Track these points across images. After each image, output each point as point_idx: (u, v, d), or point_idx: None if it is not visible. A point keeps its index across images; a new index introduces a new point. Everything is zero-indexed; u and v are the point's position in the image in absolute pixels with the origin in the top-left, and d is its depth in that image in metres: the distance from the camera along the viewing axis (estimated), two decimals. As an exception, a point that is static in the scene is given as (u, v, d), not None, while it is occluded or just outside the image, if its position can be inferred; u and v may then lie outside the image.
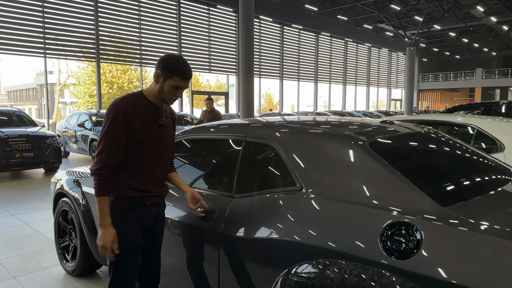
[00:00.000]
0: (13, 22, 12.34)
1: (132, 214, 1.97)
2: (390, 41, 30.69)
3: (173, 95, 1.96)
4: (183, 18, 16.86)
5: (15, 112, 9.52)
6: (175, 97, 1.98)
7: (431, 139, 2.32)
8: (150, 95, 2.00)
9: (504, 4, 22.80)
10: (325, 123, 2.30)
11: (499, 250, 1.32)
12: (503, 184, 1.97)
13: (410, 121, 4.75)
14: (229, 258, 1.97)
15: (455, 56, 40.15)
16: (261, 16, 19.90)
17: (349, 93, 27.90)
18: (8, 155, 7.74)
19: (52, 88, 24.93)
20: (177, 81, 1.93)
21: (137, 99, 1.96)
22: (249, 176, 2.16)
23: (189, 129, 2.63)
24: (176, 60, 1.93)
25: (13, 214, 5.29)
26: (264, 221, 1.86)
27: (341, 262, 1.55)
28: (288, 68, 22.40)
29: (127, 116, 1.89)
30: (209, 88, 23.16)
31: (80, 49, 14.08)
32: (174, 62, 1.92)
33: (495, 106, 7.69)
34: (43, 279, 3.31)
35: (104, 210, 1.88)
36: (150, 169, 2.01)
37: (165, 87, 1.94)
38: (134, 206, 1.98)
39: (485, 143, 4.21)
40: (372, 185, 1.70)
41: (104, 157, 1.87)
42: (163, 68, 1.92)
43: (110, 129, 1.88)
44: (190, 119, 12.07)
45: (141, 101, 1.97)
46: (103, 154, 1.87)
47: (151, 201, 2.03)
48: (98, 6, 14.24)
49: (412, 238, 1.45)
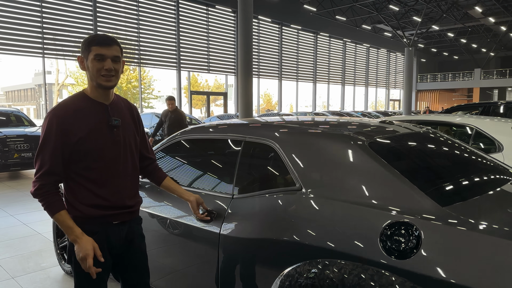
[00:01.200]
0: (11, 22, 12.31)
1: (96, 236, 1.67)
2: (389, 41, 30.73)
3: (100, 69, 1.65)
4: (181, 18, 16.85)
5: (13, 112, 9.50)
6: (105, 71, 1.66)
7: (430, 139, 2.32)
8: (92, 92, 1.72)
9: (502, 5, 22.86)
10: (324, 123, 2.31)
11: (498, 250, 1.32)
12: (501, 184, 1.97)
13: (409, 121, 4.76)
14: (229, 258, 1.97)
15: (454, 56, 40.24)
16: (259, 16, 19.90)
17: (347, 94, 27.93)
18: (6, 155, 7.72)
19: (51, 88, 24.88)
20: (97, 50, 1.64)
21: (77, 102, 1.70)
22: (249, 176, 2.16)
23: (188, 130, 2.63)
24: (91, 35, 1.72)
25: (11, 215, 5.28)
26: (264, 221, 1.86)
27: (341, 262, 1.55)
28: (287, 69, 22.41)
29: (64, 126, 1.63)
30: (207, 88, 23.16)
31: (78, 49, 14.04)
32: (89, 37, 1.70)
33: (494, 107, 7.71)
34: (41, 279, 3.30)
35: (68, 223, 1.61)
36: (110, 181, 1.71)
37: (89, 66, 1.66)
38: (98, 227, 1.69)
39: (484, 143, 4.22)
40: (371, 185, 1.70)
41: (41, 176, 1.61)
42: (81, 48, 1.70)
43: (45, 143, 1.63)
44: (189, 119, 12.06)
45: (82, 104, 1.69)
46: (40, 172, 1.62)
47: (118, 219, 1.74)
48: (96, 6, 14.22)
49: (411, 238, 1.46)
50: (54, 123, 1.63)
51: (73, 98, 1.72)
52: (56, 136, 1.63)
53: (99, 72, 1.66)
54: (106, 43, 1.66)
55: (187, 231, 2.20)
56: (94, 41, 1.66)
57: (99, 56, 1.65)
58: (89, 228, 1.67)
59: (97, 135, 1.69)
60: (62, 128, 1.63)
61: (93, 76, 1.67)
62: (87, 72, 1.70)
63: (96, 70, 1.66)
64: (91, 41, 1.67)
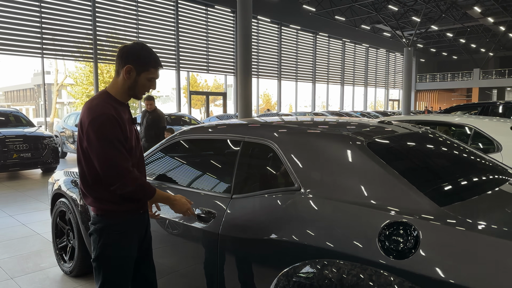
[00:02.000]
0: (10, 22, 12.30)
1: (132, 228, 1.83)
2: (388, 41, 30.75)
3: (148, 88, 1.82)
4: (181, 18, 16.84)
5: (13, 112, 9.49)
6: (149, 90, 1.84)
7: (428, 139, 2.33)
8: (118, 93, 1.79)
9: (501, 5, 22.88)
10: (323, 123, 2.31)
11: (496, 250, 1.33)
12: (500, 184, 1.98)
13: (408, 121, 4.76)
14: (228, 259, 1.97)
15: (453, 56, 40.27)
16: (259, 16, 19.90)
17: (347, 94, 27.95)
18: (6, 155, 7.71)
19: (50, 89, 24.87)
20: (153, 73, 1.79)
21: (111, 101, 1.76)
22: (247, 176, 2.16)
23: (187, 130, 2.63)
24: (147, 50, 1.77)
25: (10, 215, 5.27)
26: (262, 222, 1.86)
27: (339, 262, 1.55)
28: (286, 69, 22.41)
29: (117, 123, 1.69)
30: (207, 89, 23.15)
31: (77, 49, 14.05)
32: (146, 53, 1.76)
33: (492, 107, 7.72)
34: (40, 279, 3.30)
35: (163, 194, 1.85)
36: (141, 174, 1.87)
37: (139, 82, 1.77)
38: (130, 217, 1.83)
39: (483, 143, 4.22)
40: (370, 185, 1.70)
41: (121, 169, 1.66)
42: (135, 61, 1.74)
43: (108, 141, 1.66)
44: (188, 119, 12.07)
45: (115, 102, 1.78)
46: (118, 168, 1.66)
47: (144, 208, 1.91)
48: (95, 6, 14.21)
49: (410, 238, 1.46)
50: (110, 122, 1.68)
51: (105, 98, 1.76)
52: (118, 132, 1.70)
53: (145, 91, 1.82)
54: (160, 66, 1.82)
55: (186, 231, 2.20)
56: (152, 62, 1.77)
57: (153, 79, 1.80)
58: (123, 219, 1.79)
59: (130, 133, 1.80)
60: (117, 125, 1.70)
61: (137, 91, 1.80)
62: (126, 81, 1.77)
63: (145, 88, 1.81)
64: (150, 61, 1.76)
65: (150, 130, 6.66)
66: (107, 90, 1.79)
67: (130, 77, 1.76)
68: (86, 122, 1.68)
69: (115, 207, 1.76)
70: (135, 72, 1.75)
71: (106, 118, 1.66)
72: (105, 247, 1.76)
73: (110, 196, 1.75)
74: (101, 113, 1.67)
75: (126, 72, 1.75)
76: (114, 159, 1.66)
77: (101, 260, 1.78)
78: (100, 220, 1.78)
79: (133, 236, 1.83)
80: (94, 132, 1.65)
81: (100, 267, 1.78)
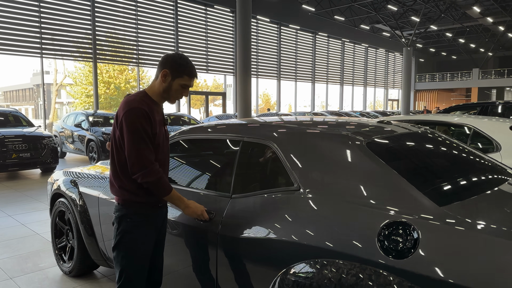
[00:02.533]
0: (10, 22, 12.29)
1: (149, 219, 1.96)
2: (387, 41, 30.77)
3: (180, 94, 1.98)
4: (180, 18, 16.84)
5: (12, 112, 9.48)
6: (181, 96, 1.99)
7: (428, 139, 2.33)
8: (154, 94, 1.97)
9: (500, 5, 22.91)
10: (323, 123, 2.31)
11: (495, 249, 1.33)
12: (499, 184, 1.98)
13: (407, 121, 4.76)
14: (227, 258, 1.97)
15: (452, 56, 40.30)
16: (258, 16, 19.90)
17: (346, 93, 27.96)
18: (5, 155, 7.71)
19: (49, 88, 24.86)
20: (186, 80, 1.95)
21: (147, 100, 1.93)
22: (247, 176, 2.16)
23: (187, 129, 2.62)
24: (184, 59, 1.95)
25: (9, 215, 5.27)
26: (262, 221, 1.86)
27: (339, 261, 1.55)
28: (285, 68, 22.42)
29: (148, 118, 1.86)
30: (206, 88, 23.15)
31: (77, 49, 14.04)
32: (183, 61, 1.94)
33: (492, 106, 7.73)
34: (40, 279, 3.30)
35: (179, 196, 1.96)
36: (164, 172, 2.01)
37: (173, 86, 1.94)
38: (151, 211, 1.97)
39: (482, 143, 4.23)
40: (369, 185, 1.71)
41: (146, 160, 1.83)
42: (172, 67, 1.92)
43: (138, 133, 1.83)
44: (188, 119, 12.07)
45: (150, 101, 1.94)
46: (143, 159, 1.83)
47: (163, 202, 2.03)
48: (95, 6, 14.20)
49: (409, 237, 1.46)
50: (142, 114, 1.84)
51: (142, 96, 1.92)
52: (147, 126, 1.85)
53: (178, 96, 1.98)
54: (196, 76, 1.99)
55: (186, 231, 2.20)
56: (188, 70, 1.94)
57: (186, 86, 1.96)
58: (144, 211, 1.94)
59: (160, 131, 1.96)
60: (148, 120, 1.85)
61: (171, 96, 1.97)
62: (163, 84, 1.94)
63: (177, 94, 1.97)
64: (186, 68, 1.94)
65: None
66: (145, 90, 1.98)
67: (166, 80, 1.93)
68: (121, 114, 1.85)
69: (135, 197, 1.91)
70: (171, 77, 1.92)
71: (139, 111, 1.83)
72: (123, 235, 1.90)
73: (132, 186, 1.89)
74: (135, 107, 1.84)
75: (163, 76, 1.92)
76: (140, 149, 1.82)
77: (119, 248, 1.91)
78: (120, 209, 1.93)
79: (150, 227, 1.95)
80: (126, 123, 1.83)
81: (119, 255, 1.91)
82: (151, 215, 1.97)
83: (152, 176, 1.84)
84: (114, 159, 1.93)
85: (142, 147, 1.83)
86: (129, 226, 1.91)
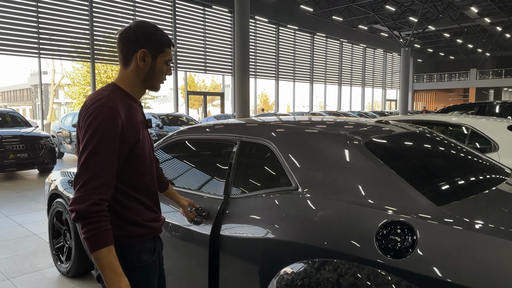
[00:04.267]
0: (7, 22, 12.25)
1: (152, 255, 1.49)
2: (385, 41, 30.82)
3: (165, 74, 1.50)
4: (178, 18, 16.82)
5: (9, 112, 9.45)
6: (165, 77, 1.51)
7: (426, 139, 2.33)
8: (130, 86, 1.45)
9: (497, 5, 22.98)
10: (321, 123, 2.31)
11: (493, 249, 1.33)
12: (497, 183, 1.98)
13: (405, 121, 4.77)
14: (224, 259, 1.97)
15: (450, 56, 40.40)
16: (256, 16, 19.90)
17: (344, 94, 27.98)
18: (2, 156, 7.68)
19: (47, 89, 24.79)
20: (169, 53, 1.48)
21: (121, 95, 1.41)
22: (245, 176, 2.15)
23: (184, 129, 2.62)
24: (155, 27, 1.45)
25: (7, 215, 5.25)
26: (260, 221, 1.86)
27: (337, 261, 1.55)
28: (284, 69, 22.42)
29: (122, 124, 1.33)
30: (204, 89, 23.13)
31: (74, 49, 14.01)
32: (158, 31, 1.44)
33: (489, 106, 7.75)
34: (37, 280, 3.29)
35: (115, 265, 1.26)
36: (155, 187, 1.53)
37: (157, 67, 1.45)
38: (152, 244, 1.50)
39: (479, 142, 4.24)
40: (367, 185, 1.70)
41: (100, 187, 1.26)
42: (149, 42, 1.42)
43: (103, 142, 1.28)
44: (186, 120, 12.05)
45: (125, 97, 1.43)
46: (94, 181, 1.25)
47: (160, 230, 1.57)
48: (92, 6, 14.17)
49: (407, 237, 1.46)
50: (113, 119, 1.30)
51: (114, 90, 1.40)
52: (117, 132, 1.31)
53: (162, 75, 1.48)
54: (173, 45, 1.51)
55: (182, 232, 2.19)
56: (166, 39, 1.46)
57: (169, 61, 1.49)
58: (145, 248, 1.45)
59: (143, 137, 1.45)
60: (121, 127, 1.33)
61: (154, 78, 1.46)
62: (141, 69, 1.44)
63: (163, 74, 1.48)
64: (163, 40, 1.45)
65: None
66: (114, 83, 1.45)
67: (146, 63, 1.43)
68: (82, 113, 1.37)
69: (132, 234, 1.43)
70: (150, 57, 1.43)
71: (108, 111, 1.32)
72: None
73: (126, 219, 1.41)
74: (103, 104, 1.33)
75: (140, 59, 1.42)
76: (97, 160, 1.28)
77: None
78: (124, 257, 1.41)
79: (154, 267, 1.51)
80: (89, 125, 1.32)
81: None
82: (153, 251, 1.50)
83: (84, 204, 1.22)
84: None
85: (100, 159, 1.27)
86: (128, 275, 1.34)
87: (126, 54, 1.44)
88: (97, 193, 1.25)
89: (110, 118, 1.30)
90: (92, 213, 1.23)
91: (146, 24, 1.45)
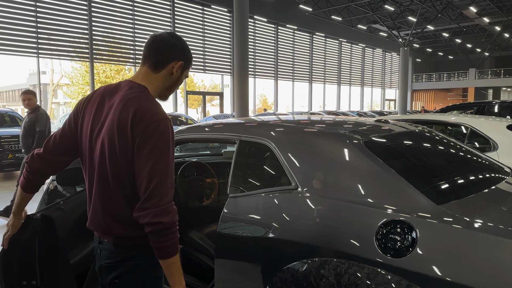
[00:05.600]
0: (6, 22, 12.22)
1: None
2: (384, 41, 30.83)
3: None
4: (177, 18, 16.81)
5: (8, 112, 9.43)
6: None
7: (425, 138, 2.33)
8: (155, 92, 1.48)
9: (496, 5, 23.01)
10: (320, 122, 2.31)
11: (493, 248, 1.33)
12: (496, 182, 1.98)
13: (405, 120, 4.77)
14: (224, 258, 1.96)
15: (449, 56, 40.43)
16: (255, 16, 19.89)
17: (343, 94, 27.99)
18: (1, 155, 7.67)
19: (45, 89, 24.76)
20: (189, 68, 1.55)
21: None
22: (244, 175, 2.15)
23: (184, 129, 2.62)
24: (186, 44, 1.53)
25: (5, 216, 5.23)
26: (259, 221, 1.86)
27: (337, 260, 1.55)
28: (283, 68, 22.42)
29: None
30: (203, 89, 23.13)
31: (73, 49, 13.99)
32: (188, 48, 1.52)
33: (488, 106, 7.76)
34: (36, 280, 3.27)
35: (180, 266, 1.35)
36: None
37: (180, 80, 1.52)
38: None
39: (479, 142, 4.24)
40: (367, 184, 1.70)
41: (172, 196, 1.31)
42: (186, 56, 1.49)
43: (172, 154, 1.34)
44: (185, 119, 12.06)
45: None
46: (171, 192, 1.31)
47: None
48: (91, 6, 14.15)
49: (407, 236, 1.46)
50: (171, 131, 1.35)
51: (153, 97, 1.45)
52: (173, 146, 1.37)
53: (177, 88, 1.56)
54: None
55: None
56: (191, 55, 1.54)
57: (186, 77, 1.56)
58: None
59: None
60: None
61: (174, 88, 1.53)
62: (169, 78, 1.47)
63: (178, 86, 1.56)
64: (192, 58, 1.54)
65: (26, 138, 4.88)
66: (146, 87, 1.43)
67: (177, 74, 1.48)
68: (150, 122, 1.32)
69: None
70: (181, 70, 1.49)
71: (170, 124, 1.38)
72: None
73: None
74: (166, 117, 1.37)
75: (177, 69, 1.47)
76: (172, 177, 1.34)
77: None
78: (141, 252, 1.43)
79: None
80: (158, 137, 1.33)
81: None
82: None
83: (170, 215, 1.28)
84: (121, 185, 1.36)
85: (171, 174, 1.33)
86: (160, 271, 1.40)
87: (164, 59, 1.45)
88: (173, 204, 1.32)
89: (172, 131, 1.38)
90: (175, 224, 1.31)
91: (182, 39, 1.53)
